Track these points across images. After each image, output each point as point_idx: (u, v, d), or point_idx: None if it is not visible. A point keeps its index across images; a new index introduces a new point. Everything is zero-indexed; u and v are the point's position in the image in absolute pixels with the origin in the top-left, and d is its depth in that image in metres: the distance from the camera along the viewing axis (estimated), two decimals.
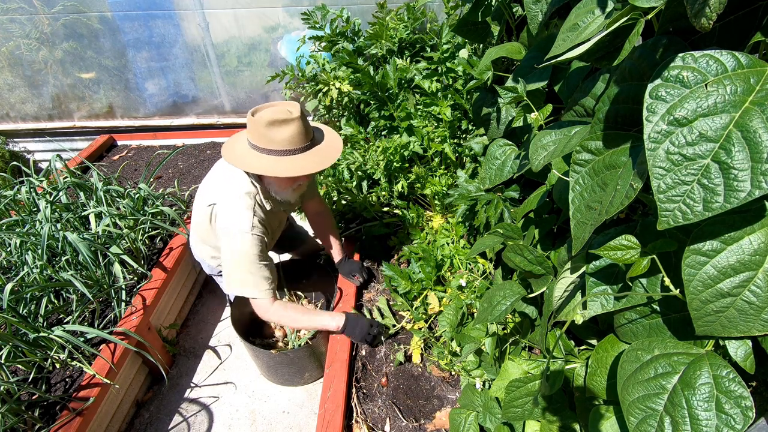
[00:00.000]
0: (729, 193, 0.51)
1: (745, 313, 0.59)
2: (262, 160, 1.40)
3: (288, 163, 1.39)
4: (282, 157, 1.40)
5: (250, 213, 1.46)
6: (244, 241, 1.44)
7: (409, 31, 2.31)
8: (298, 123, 1.37)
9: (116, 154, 3.11)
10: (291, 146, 1.39)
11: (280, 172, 1.38)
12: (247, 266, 1.46)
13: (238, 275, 1.47)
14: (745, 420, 0.56)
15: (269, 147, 1.39)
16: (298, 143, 1.40)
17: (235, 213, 1.46)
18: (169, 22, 2.77)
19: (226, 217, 1.47)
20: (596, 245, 0.75)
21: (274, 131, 1.36)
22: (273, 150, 1.39)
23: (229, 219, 1.46)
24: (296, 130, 1.38)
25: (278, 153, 1.39)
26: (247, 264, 1.45)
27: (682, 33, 0.68)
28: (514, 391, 0.96)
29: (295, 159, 1.40)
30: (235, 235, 1.44)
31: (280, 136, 1.37)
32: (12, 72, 2.98)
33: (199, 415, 1.87)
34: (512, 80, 1.21)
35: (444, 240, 2.03)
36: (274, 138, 1.37)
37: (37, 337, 1.53)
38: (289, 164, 1.39)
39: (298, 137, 1.39)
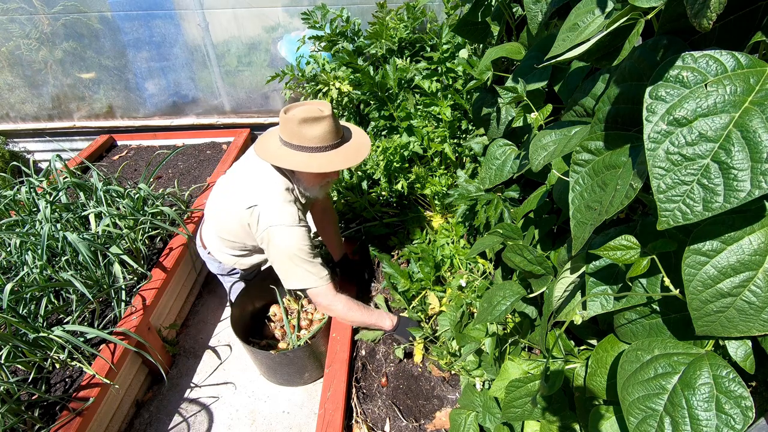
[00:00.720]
0: (729, 193, 0.51)
1: (745, 313, 0.59)
2: (296, 157, 1.44)
3: (320, 160, 1.44)
4: (314, 154, 1.44)
5: (294, 207, 1.50)
6: (296, 234, 1.47)
7: (409, 30, 2.31)
8: (329, 121, 1.42)
9: (116, 154, 3.11)
10: (322, 143, 1.44)
11: (313, 167, 1.43)
12: (302, 258, 1.49)
13: (296, 269, 1.50)
14: (745, 420, 0.56)
15: (302, 144, 1.43)
16: (329, 140, 1.45)
17: (281, 209, 1.48)
18: (169, 22, 2.77)
19: (272, 215, 1.48)
20: (596, 245, 0.75)
21: (307, 128, 1.41)
22: (305, 147, 1.43)
23: (276, 216, 1.47)
24: (327, 128, 1.43)
25: (311, 150, 1.44)
26: (302, 255, 1.48)
27: (682, 33, 0.68)
28: (513, 391, 0.96)
29: (326, 155, 1.45)
30: (285, 230, 1.47)
31: (312, 133, 1.41)
32: (12, 72, 2.98)
33: (199, 415, 1.87)
34: (512, 80, 1.21)
35: (444, 240, 2.03)
36: (306, 135, 1.41)
37: (36, 337, 1.53)
38: (322, 160, 1.44)
39: (330, 134, 1.44)
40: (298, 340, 1.86)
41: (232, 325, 1.79)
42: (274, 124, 3.16)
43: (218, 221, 1.69)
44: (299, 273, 1.50)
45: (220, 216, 1.66)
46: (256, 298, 2.04)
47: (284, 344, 1.94)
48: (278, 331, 2.00)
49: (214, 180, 2.61)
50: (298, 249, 1.47)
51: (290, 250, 1.48)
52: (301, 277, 1.51)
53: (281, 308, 1.92)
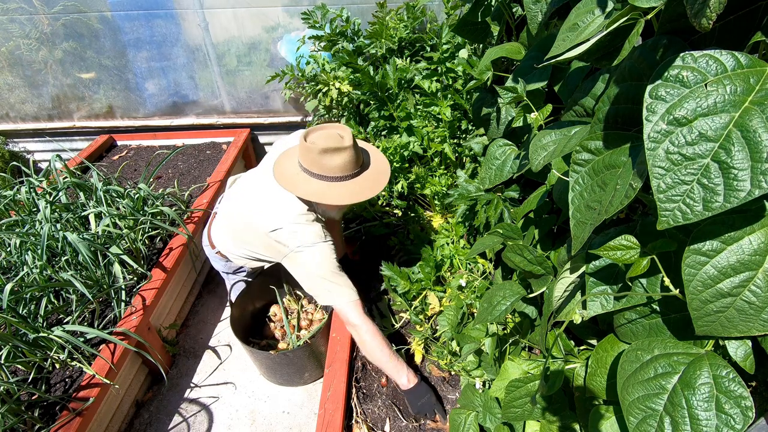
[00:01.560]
0: (729, 193, 0.51)
1: (744, 313, 0.59)
2: (314, 185, 1.44)
3: (340, 190, 1.44)
4: (334, 183, 1.44)
5: (318, 225, 1.48)
6: (323, 251, 1.45)
7: (408, 30, 2.31)
8: (350, 151, 1.41)
9: (116, 154, 3.11)
10: (342, 173, 1.44)
11: (332, 199, 1.43)
12: (332, 272, 1.46)
13: (324, 285, 1.47)
14: (744, 420, 0.56)
15: (322, 173, 1.43)
16: (350, 170, 1.45)
17: (306, 230, 1.46)
18: (169, 22, 2.77)
19: (298, 237, 1.45)
20: (596, 245, 0.75)
21: (327, 158, 1.40)
22: (325, 176, 1.43)
23: (303, 238, 1.45)
24: (348, 158, 1.42)
25: (330, 179, 1.44)
26: (331, 271, 1.46)
27: (682, 33, 0.68)
28: (514, 391, 0.96)
29: (346, 185, 1.45)
30: (312, 249, 1.45)
31: (333, 163, 1.41)
32: (12, 72, 2.98)
33: (199, 415, 1.87)
34: (512, 80, 1.21)
35: (444, 240, 2.03)
36: (327, 165, 1.41)
37: (36, 337, 1.53)
38: (341, 191, 1.44)
39: (350, 164, 1.44)
40: (298, 340, 1.87)
41: (231, 325, 1.79)
42: (274, 124, 3.17)
43: (237, 231, 1.66)
44: (329, 287, 1.47)
45: (239, 227, 1.64)
46: (256, 298, 2.04)
47: (284, 344, 1.94)
48: (278, 332, 2.00)
49: (215, 180, 2.61)
50: (325, 266, 1.46)
51: (317, 268, 1.46)
52: (331, 292, 1.47)
53: (281, 308, 1.92)
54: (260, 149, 3.35)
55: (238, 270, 1.90)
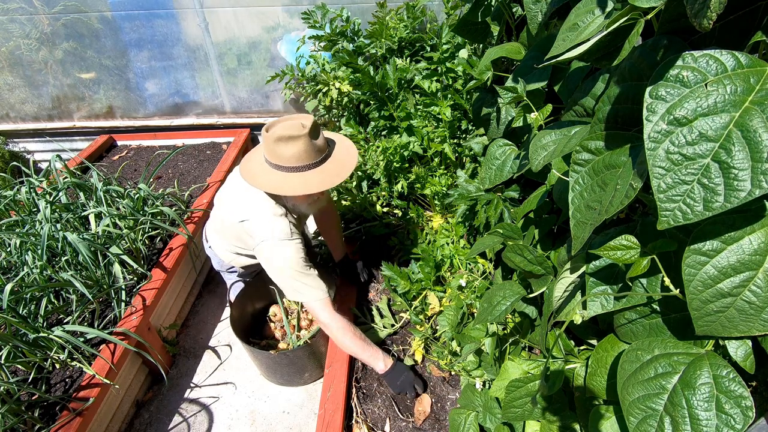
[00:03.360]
0: (729, 193, 0.51)
1: (745, 313, 0.59)
2: (271, 176, 1.40)
3: (294, 181, 1.39)
4: (290, 174, 1.39)
5: (285, 221, 1.47)
6: (287, 249, 1.44)
7: (408, 30, 2.31)
8: (305, 140, 1.36)
9: (116, 155, 3.11)
10: (299, 162, 1.38)
11: (285, 190, 1.38)
12: (297, 271, 1.45)
13: (292, 282, 1.46)
14: (745, 420, 0.56)
15: (278, 163, 1.39)
16: (307, 159, 1.39)
17: (271, 224, 1.45)
18: (169, 22, 2.77)
19: (263, 230, 1.46)
20: (596, 245, 0.75)
21: (282, 147, 1.36)
22: (282, 166, 1.39)
23: (267, 231, 1.45)
24: (304, 147, 1.37)
25: (287, 169, 1.39)
26: (296, 269, 1.45)
27: (682, 33, 0.68)
28: (514, 391, 0.96)
29: (302, 176, 1.39)
30: (276, 245, 1.44)
31: (288, 152, 1.36)
32: (12, 72, 2.98)
33: (199, 415, 1.87)
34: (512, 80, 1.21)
35: (444, 240, 2.03)
36: (283, 154, 1.37)
37: (36, 337, 1.53)
38: (295, 182, 1.38)
39: (307, 154, 1.38)
40: (298, 340, 1.86)
41: (231, 325, 1.79)
42: None
43: (218, 222, 1.70)
44: (296, 286, 1.47)
45: (220, 218, 1.67)
46: (256, 298, 2.04)
47: (284, 344, 1.94)
48: (278, 331, 2.00)
49: (215, 180, 2.61)
50: (290, 263, 1.44)
51: (283, 265, 1.45)
52: (298, 290, 1.47)
53: (281, 308, 1.92)
54: None
55: (231, 269, 1.90)
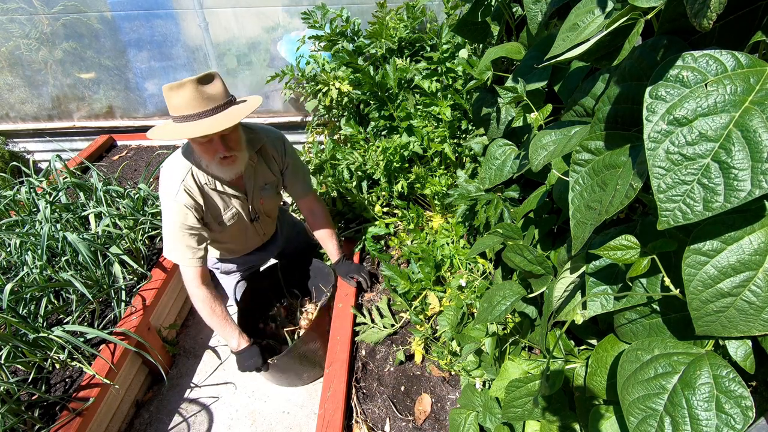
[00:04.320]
0: (729, 193, 0.51)
1: (745, 313, 0.59)
2: (168, 128, 1.38)
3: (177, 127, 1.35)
4: (178, 123, 1.36)
5: (177, 182, 1.48)
6: (169, 208, 1.48)
7: (408, 30, 2.31)
8: (192, 85, 1.31)
9: (116, 155, 3.11)
10: (188, 111, 1.34)
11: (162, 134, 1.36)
12: (171, 232, 1.49)
13: (167, 240, 1.51)
14: (745, 420, 0.56)
15: (172, 114, 1.37)
16: (197, 107, 1.34)
17: (165, 180, 1.50)
18: (169, 22, 2.77)
19: (161, 181, 1.52)
20: (596, 245, 0.75)
21: (173, 96, 1.33)
22: (174, 116, 1.37)
23: (161, 185, 1.51)
24: (191, 94, 1.32)
25: (177, 119, 1.36)
26: (171, 230, 1.49)
27: (682, 33, 0.68)
28: (514, 391, 0.96)
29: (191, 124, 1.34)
30: (163, 199, 1.49)
31: (177, 100, 1.33)
32: (12, 72, 2.98)
33: (199, 415, 1.87)
34: (512, 80, 1.21)
35: (444, 240, 2.03)
36: (172, 103, 1.34)
37: (36, 337, 1.53)
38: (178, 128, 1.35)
39: (195, 102, 1.33)
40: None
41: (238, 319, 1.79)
42: (274, 124, 3.17)
43: None
44: (169, 245, 1.51)
45: None
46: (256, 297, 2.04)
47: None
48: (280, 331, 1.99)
49: None
50: (167, 220, 1.49)
51: (164, 220, 1.50)
52: (169, 250, 1.52)
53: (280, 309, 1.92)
54: None
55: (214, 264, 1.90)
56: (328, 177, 2.30)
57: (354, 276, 1.95)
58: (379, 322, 1.83)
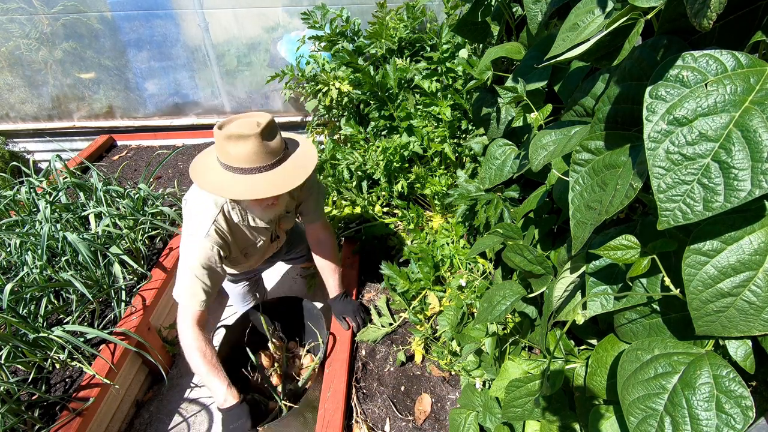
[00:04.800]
0: (729, 193, 0.51)
1: (745, 313, 0.59)
2: (216, 175, 1.31)
3: (242, 183, 1.29)
4: (238, 176, 1.30)
5: (210, 221, 1.40)
6: (196, 246, 1.38)
7: (408, 30, 2.31)
8: (256, 140, 1.26)
9: (116, 155, 3.11)
10: (248, 164, 1.29)
11: (226, 192, 1.29)
12: (190, 271, 1.38)
13: (181, 278, 1.40)
14: (745, 420, 0.56)
15: (227, 162, 1.30)
16: (257, 162, 1.29)
17: (194, 216, 1.42)
18: (168, 22, 2.77)
19: (187, 218, 1.43)
20: (596, 245, 0.75)
21: (231, 146, 1.27)
22: (229, 166, 1.30)
23: (187, 220, 1.42)
24: (254, 148, 1.27)
25: (234, 170, 1.30)
26: (191, 269, 1.38)
27: (682, 33, 0.68)
28: (514, 391, 0.96)
29: (249, 179, 1.30)
30: (187, 237, 1.40)
31: (237, 152, 1.27)
32: (12, 72, 2.98)
33: (199, 415, 1.87)
34: (512, 80, 1.21)
35: (444, 240, 2.03)
36: (231, 153, 1.28)
37: (36, 337, 1.53)
38: (241, 185, 1.29)
39: (257, 156, 1.28)
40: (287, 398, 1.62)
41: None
42: None
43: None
44: (183, 284, 1.39)
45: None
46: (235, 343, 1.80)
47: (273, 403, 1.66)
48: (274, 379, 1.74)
49: None
50: (190, 260, 1.38)
51: (182, 256, 1.40)
52: (178, 288, 1.41)
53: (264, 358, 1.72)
54: None
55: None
56: (328, 177, 2.30)
57: (347, 316, 1.81)
58: (377, 321, 1.83)
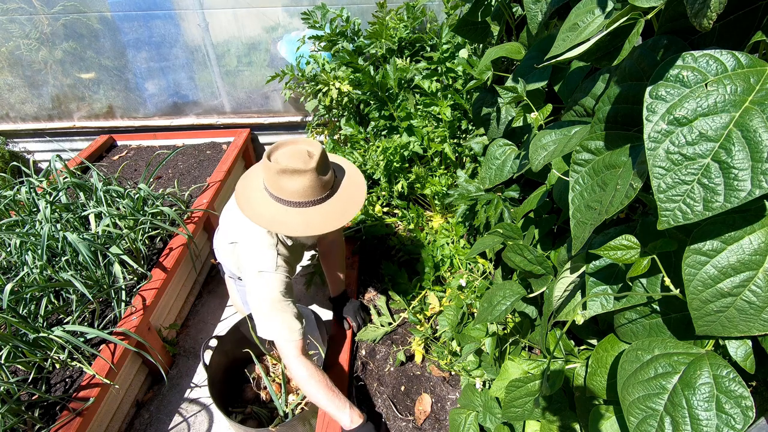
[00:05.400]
0: (729, 193, 0.51)
1: (745, 313, 0.59)
2: (270, 209, 1.30)
3: (295, 217, 1.28)
4: (291, 209, 1.29)
5: (274, 252, 1.38)
6: (269, 282, 1.35)
7: (408, 30, 2.31)
8: (311, 175, 1.24)
9: (116, 155, 3.11)
10: (302, 198, 1.27)
11: (284, 227, 1.27)
12: (272, 308, 1.35)
13: (264, 318, 1.37)
14: (745, 420, 0.56)
15: (279, 195, 1.28)
16: (311, 196, 1.28)
17: (257, 253, 1.38)
18: (168, 22, 2.77)
19: (248, 257, 1.39)
20: (596, 245, 0.75)
21: (286, 180, 1.25)
22: (283, 200, 1.28)
23: (252, 259, 1.38)
24: (309, 183, 1.25)
25: (288, 204, 1.29)
26: (272, 305, 1.35)
27: (682, 33, 0.68)
28: (514, 391, 0.96)
29: (304, 212, 1.29)
30: (258, 276, 1.36)
31: (292, 186, 1.25)
32: (12, 72, 2.98)
33: (199, 415, 1.87)
34: (512, 80, 1.21)
35: (444, 240, 2.03)
36: (285, 187, 1.26)
37: (37, 337, 1.53)
38: (297, 218, 1.28)
39: (311, 190, 1.27)
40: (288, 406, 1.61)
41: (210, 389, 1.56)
42: (274, 124, 3.17)
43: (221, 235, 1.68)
44: (267, 323, 1.36)
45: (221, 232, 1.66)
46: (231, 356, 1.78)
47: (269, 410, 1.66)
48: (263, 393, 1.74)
49: (215, 180, 2.61)
50: (268, 297, 1.35)
51: (259, 296, 1.36)
52: (269, 327, 1.37)
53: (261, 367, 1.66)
54: (260, 149, 3.35)
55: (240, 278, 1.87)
56: None
57: (348, 316, 1.81)
58: (377, 321, 1.83)
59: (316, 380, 1.34)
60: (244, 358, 1.78)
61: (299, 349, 1.36)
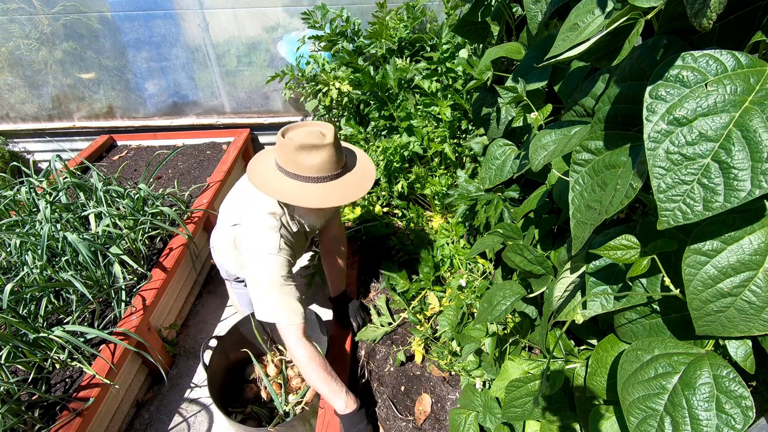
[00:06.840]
0: (729, 193, 0.51)
1: (745, 313, 0.59)
2: (287, 186, 1.33)
3: (315, 192, 1.32)
4: (309, 184, 1.33)
5: (276, 234, 1.39)
6: (271, 263, 1.36)
7: (408, 30, 2.31)
8: (329, 149, 1.29)
9: (116, 155, 3.11)
10: (320, 173, 1.32)
11: (305, 201, 1.31)
12: (274, 290, 1.37)
13: (265, 300, 1.38)
14: (745, 420, 0.56)
15: (297, 172, 1.32)
16: (328, 170, 1.33)
17: (260, 234, 1.39)
18: (168, 22, 2.77)
19: (251, 239, 1.40)
20: (596, 245, 0.75)
21: (304, 156, 1.29)
22: (301, 176, 1.32)
23: (254, 241, 1.39)
24: (327, 157, 1.30)
25: (306, 179, 1.32)
26: (274, 287, 1.37)
27: (682, 33, 0.68)
28: (514, 391, 0.96)
29: (323, 187, 1.33)
30: (260, 257, 1.37)
31: (310, 161, 1.29)
32: (12, 72, 2.98)
33: (199, 415, 1.87)
34: (512, 80, 1.21)
35: (444, 240, 2.03)
36: (303, 163, 1.30)
37: (37, 337, 1.53)
38: (316, 193, 1.32)
39: (329, 164, 1.32)
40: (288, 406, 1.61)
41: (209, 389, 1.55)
42: (274, 124, 3.17)
43: (219, 228, 1.68)
44: (268, 305, 1.37)
45: (220, 224, 1.66)
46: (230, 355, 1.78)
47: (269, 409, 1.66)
48: (263, 393, 1.72)
49: (215, 180, 2.61)
50: (270, 278, 1.36)
51: (260, 277, 1.37)
52: (270, 310, 1.37)
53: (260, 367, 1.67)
54: (260, 149, 3.35)
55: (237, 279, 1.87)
56: None
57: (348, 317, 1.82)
58: (377, 321, 1.83)
59: (316, 364, 1.36)
60: (243, 358, 1.79)
61: (301, 332, 1.38)
